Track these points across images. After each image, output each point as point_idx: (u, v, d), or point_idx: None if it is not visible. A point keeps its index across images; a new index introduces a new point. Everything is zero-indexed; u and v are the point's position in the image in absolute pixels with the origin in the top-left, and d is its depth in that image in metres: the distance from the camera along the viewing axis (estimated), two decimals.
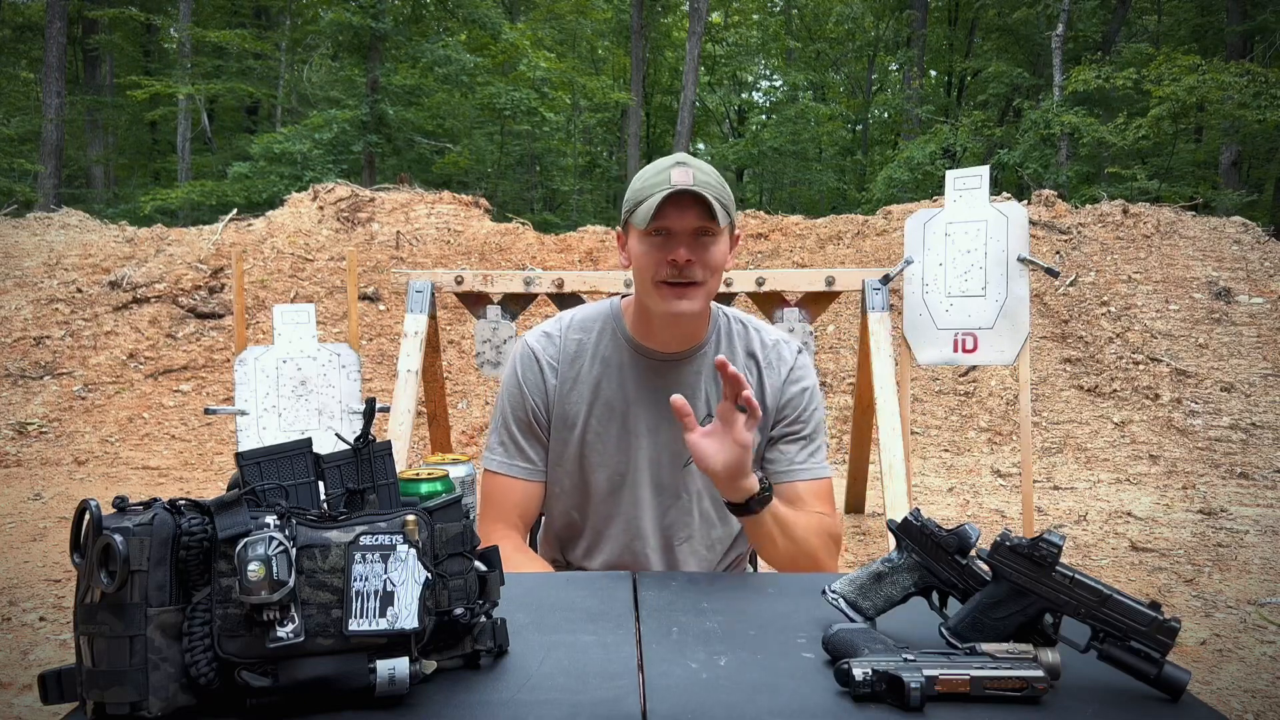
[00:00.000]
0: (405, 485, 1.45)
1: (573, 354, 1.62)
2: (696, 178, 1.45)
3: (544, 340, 1.63)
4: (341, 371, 3.84)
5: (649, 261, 1.49)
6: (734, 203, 1.53)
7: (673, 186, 1.44)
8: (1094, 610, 0.99)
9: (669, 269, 1.47)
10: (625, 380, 1.60)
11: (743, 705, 0.92)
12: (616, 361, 1.61)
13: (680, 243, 1.47)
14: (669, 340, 1.58)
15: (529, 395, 1.61)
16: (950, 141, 16.00)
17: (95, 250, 8.96)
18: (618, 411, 1.60)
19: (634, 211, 1.49)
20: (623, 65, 21.42)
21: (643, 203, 1.47)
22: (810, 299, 4.22)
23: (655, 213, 1.44)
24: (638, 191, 1.50)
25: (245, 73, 17.95)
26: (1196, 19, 17.76)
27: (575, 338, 1.63)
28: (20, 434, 6.56)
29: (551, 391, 1.61)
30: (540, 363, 1.61)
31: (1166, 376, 6.83)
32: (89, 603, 0.84)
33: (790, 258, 8.83)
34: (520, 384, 1.61)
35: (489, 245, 9.26)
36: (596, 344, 1.62)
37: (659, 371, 1.59)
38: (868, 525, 4.80)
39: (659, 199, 1.43)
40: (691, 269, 1.47)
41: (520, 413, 1.61)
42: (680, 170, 1.46)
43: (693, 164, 1.48)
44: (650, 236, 1.48)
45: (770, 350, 1.62)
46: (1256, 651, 3.17)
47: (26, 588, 3.80)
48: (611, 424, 1.60)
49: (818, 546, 1.49)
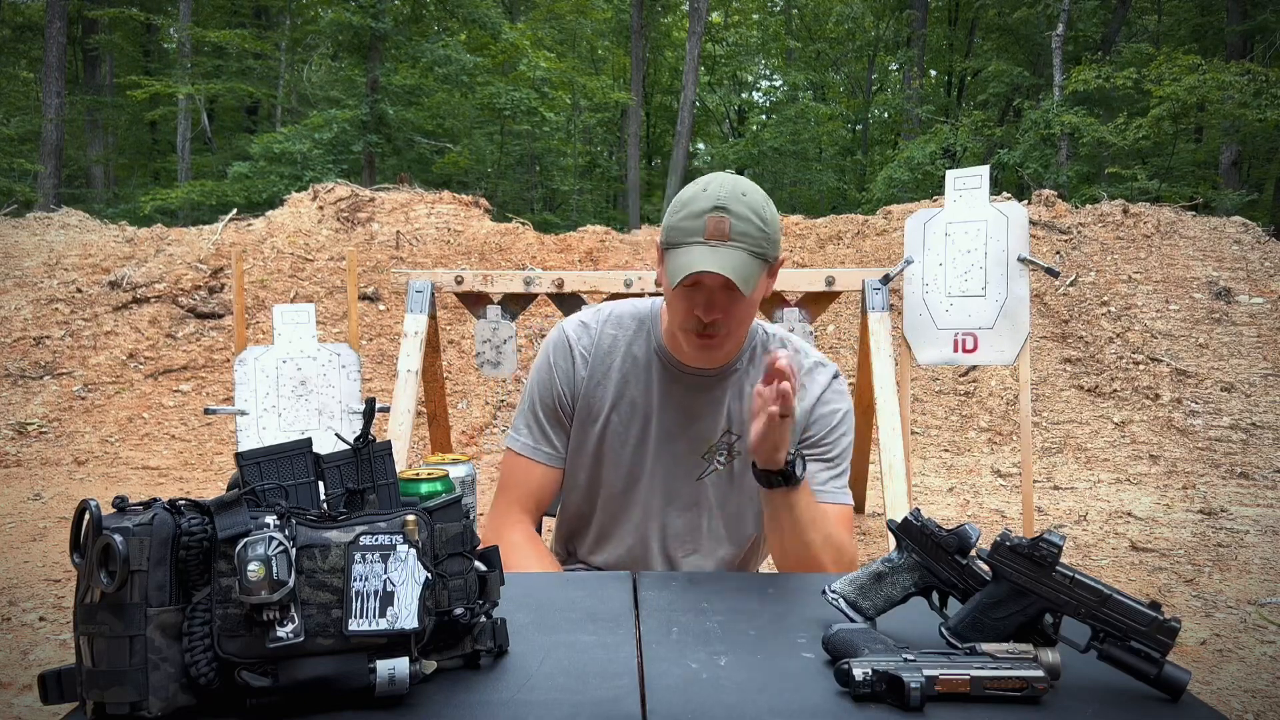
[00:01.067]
0: (405, 485, 1.45)
1: (606, 348, 1.61)
2: (734, 229, 1.37)
3: (580, 329, 1.62)
4: (341, 371, 3.84)
5: (678, 309, 1.46)
6: (777, 237, 1.44)
7: (708, 240, 1.37)
8: (1094, 610, 0.99)
9: (696, 321, 1.44)
10: (652, 384, 1.59)
11: (743, 705, 0.92)
12: (645, 364, 1.59)
13: (709, 298, 1.41)
14: (698, 362, 1.56)
15: (558, 381, 1.60)
16: (950, 141, 16.00)
17: (95, 250, 8.96)
18: (640, 413, 1.59)
19: (667, 250, 1.44)
20: (623, 65, 21.42)
21: (675, 248, 1.41)
22: (810, 299, 4.21)
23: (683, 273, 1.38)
24: (674, 230, 1.42)
25: (245, 73, 17.94)
26: (1196, 19, 17.76)
27: (611, 333, 1.62)
28: (20, 434, 6.56)
29: (580, 382, 1.60)
30: (574, 351, 1.61)
31: (1167, 376, 6.83)
32: (89, 603, 0.84)
33: (790, 258, 8.83)
34: (551, 369, 1.61)
35: (489, 245, 9.26)
36: (630, 343, 1.61)
37: (686, 383, 1.58)
38: (868, 525, 4.80)
39: (689, 267, 1.36)
40: (716, 325, 1.44)
41: (548, 398, 1.61)
42: (718, 218, 1.37)
43: (732, 208, 1.38)
44: (680, 286, 1.41)
45: (805, 373, 1.59)
46: (1256, 651, 3.17)
47: (26, 588, 3.80)
48: (633, 424, 1.59)
49: (827, 561, 1.47)
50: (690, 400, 1.57)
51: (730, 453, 1.58)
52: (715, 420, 1.57)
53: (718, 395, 1.58)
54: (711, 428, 1.58)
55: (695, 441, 1.58)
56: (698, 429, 1.58)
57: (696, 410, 1.58)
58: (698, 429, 1.58)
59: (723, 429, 1.58)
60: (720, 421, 1.58)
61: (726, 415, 1.58)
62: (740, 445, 1.58)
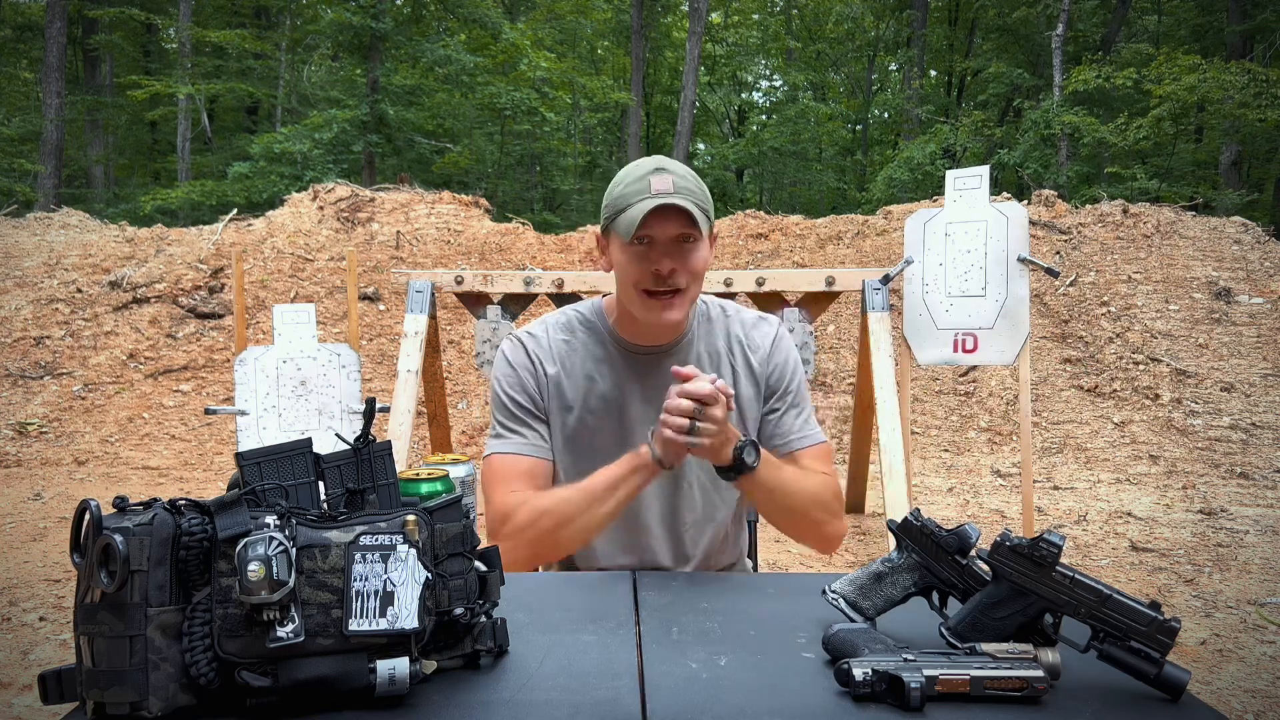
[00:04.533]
0: (405, 485, 1.45)
1: (564, 352, 1.63)
2: (677, 184, 1.45)
3: (530, 338, 1.64)
4: (341, 371, 3.84)
5: (633, 271, 1.49)
6: (712, 205, 1.54)
7: (654, 195, 1.44)
8: (1094, 610, 0.99)
9: (653, 278, 1.48)
10: (618, 374, 1.61)
11: (743, 705, 0.92)
12: (605, 357, 1.62)
13: (664, 251, 1.47)
14: (655, 335, 1.61)
15: (525, 380, 1.60)
16: (950, 141, 16.00)
17: (95, 250, 8.96)
18: (613, 404, 1.61)
19: (615, 219, 1.49)
20: (623, 65, 21.42)
21: (624, 211, 1.47)
22: (810, 299, 4.22)
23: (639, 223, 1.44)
24: (618, 199, 1.49)
25: (245, 73, 17.95)
26: (1196, 19, 17.76)
27: (563, 338, 1.64)
28: (20, 434, 6.56)
29: (543, 380, 1.61)
30: (530, 354, 1.62)
31: (1166, 376, 6.83)
32: (89, 603, 0.84)
33: (790, 258, 8.83)
34: (515, 369, 1.61)
35: (489, 245, 9.26)
36: (586, 343, 1.63)
37: (647, 364, 1.61)
38: (868, 525, 4.80)
39: (643, 211, 1.43)
40: (675, 277, 1.48)
41: (519, 395, 1.60)
42: (660, 177, 1.46)
43: (672, 168, 1.48)
44: (633, 245, 1.48)
45: (752, 329, 1.66)
46: (1256, 651, 3.17)
47: (26, 588, 3.80)
48: (608, 417, 1.61)
49: (818, 519, 1.56)
50: (655, 380, 1.59)
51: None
52: None
53: (679, 363, 1.58)
54: None
55: None
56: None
57: (662, 387, 1.57)
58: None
59: None
60: None
61: None
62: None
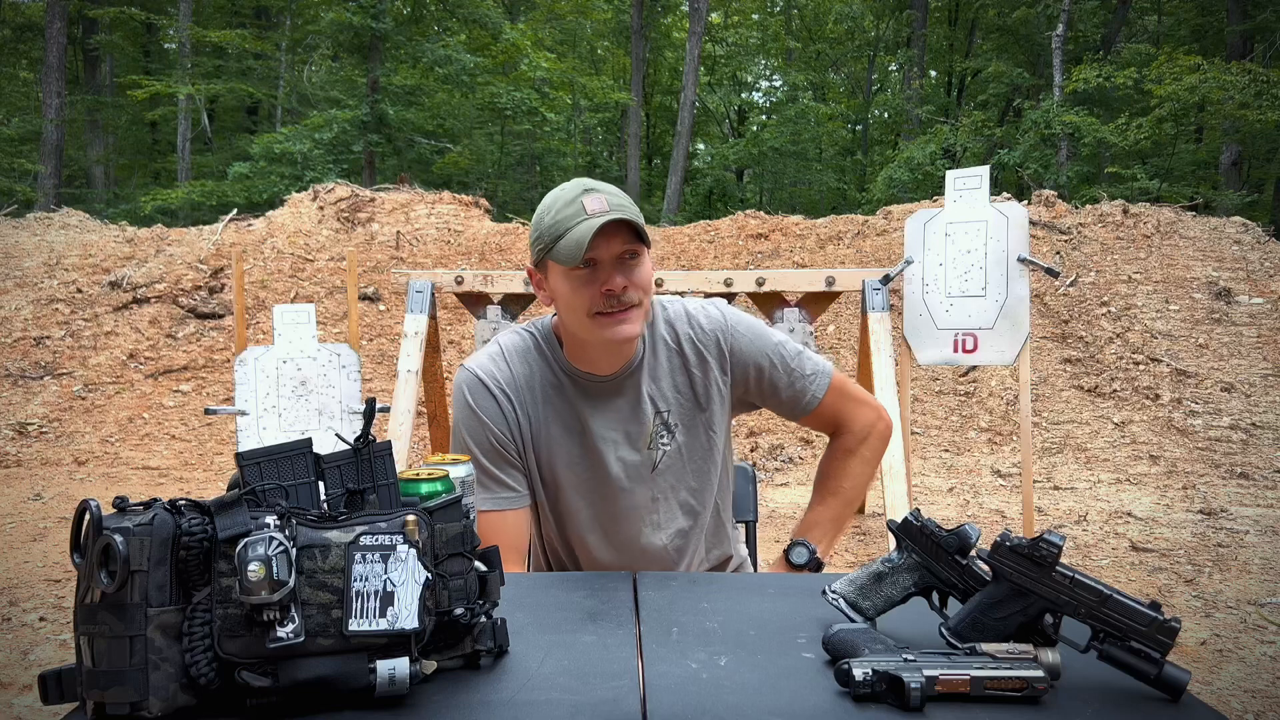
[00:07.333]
0: (405, 485, 1.44)
1: (524, 382, 1.57)
2: (610, 202, 1.42)
3: (489, 365, 1.57)
4: (341, 371, 3.85)
5: (583, 295, 1.44)
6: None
7: (593, 215, 1.39)
8: (1094, 610, 0.99)
9: (604, 299, 1.43)
10: (575, 405, 1.57)
11: (743, 705, 0.92)
12: (559, 388, 1.57)
13: (612, 270, 1.43)
14: (609, 363, 1.55)
15: (490, 424, 1.54)
16: (950, 141, 15.99)
17: (95, 250, 8.96)
18: (575, 431, 1.57)
19: (552, 248, 1.43)
20: (623, 65, 21.42)
21: (562, 237, 1.41)
22: (810, 299, 4.22)
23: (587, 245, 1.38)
24: (551, 227, 1.43)
25: (245, 73, 17.94)
26: (1196, 19, 17.76)
27: (522, 367, 1.58)
28: (20, 434, 6.56)
29: (511, 418, 1.55)
30: (492, 390, 1.55)
31: (1166, 376, 6.83)
32: (89, 603, 0.84)
33: (790, 258, 8.83)
34: (478, 414, 1.54)
35: (489, 245, 9.26)
36: (542, 373, 1.58)
37: (601, 392, 1.57)
38: (868, 525, 4.80)
39: (588, 232, 1.38)
40: (628, 293, 1.44)
41: (486, 444, 1.54)
42: (592, 198, 1.41)
43: (600, 187, 1.44)
44: (578, 270, 1.42)
45: (699, 332, 1.60)
46: (1256, 651, 3.17)
47: (26, 588, 3.80)
48: (570, 443, 1.57)
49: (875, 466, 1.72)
50: (612, 406, 1.56)
51: (669, 429, 1.59)
52: (642, 412, 1.57)
53: (632, 387, 1.57)
54: (643, 421, 1.58)
55: (634, 440, 1.58)
56: (631, 429, 1.58)
57: (623, 413, 1.57)
58: (631, 429, 1.58)
59: (652, 414, 1.58)
60: (647, 409, 1.58)
61: (650, 401, 1.58)
62: (674, 417, 1.59)
